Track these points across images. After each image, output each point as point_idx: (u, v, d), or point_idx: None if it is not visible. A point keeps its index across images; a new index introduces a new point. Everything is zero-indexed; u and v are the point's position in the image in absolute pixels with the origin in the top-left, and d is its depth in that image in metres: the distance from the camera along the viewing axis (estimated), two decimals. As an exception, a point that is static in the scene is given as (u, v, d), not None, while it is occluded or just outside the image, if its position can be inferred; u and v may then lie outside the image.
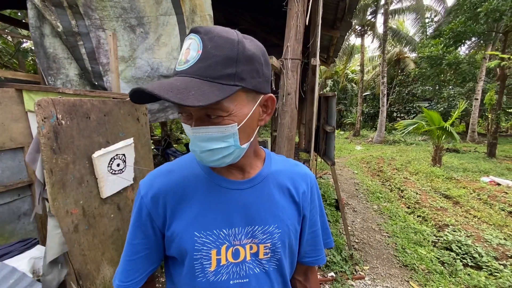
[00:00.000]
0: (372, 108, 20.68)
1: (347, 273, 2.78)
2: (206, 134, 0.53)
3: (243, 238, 0.61)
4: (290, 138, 2.47)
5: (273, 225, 0.63)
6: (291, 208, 0.67)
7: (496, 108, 9.73)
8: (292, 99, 2.44)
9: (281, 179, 0.67)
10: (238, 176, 0.64)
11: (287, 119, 2.45)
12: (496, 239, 3.48)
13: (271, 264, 0.64)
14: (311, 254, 0.75)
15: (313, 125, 2.47)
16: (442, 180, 6.53)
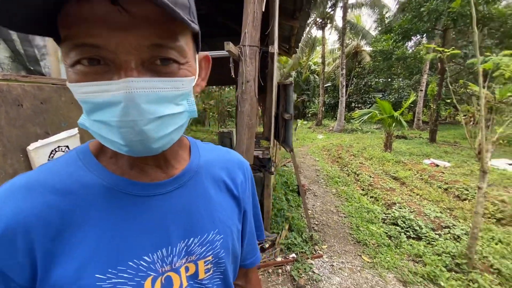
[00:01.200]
0: (333, 98, 21.76)
1: (307, 253, 2.96)
2: (155, 91, 0.35)
3: (175, 261, 0.44)
4: (250, 126, 2.50)
5: (213, 231, 0.49)
6: (231, 204, 0.55)
7: (437, 98, 10.92)
8: (251, 87, 2.45)
9: (215, 171, 0.54)
10: (158, 175, 0.46)
11: (247, 107, 2.47)
12: (433, 213, 3.97)
13: (215, 280, 0.50)
14: (251, 254, 0.65)
15: (272, 113, 2.53)
16: (392, 163, 7.20)
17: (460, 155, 8.43)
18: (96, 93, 0.33)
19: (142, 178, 0.44)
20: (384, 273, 2.68)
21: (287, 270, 2.67)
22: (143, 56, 0.34)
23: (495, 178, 5.73)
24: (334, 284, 2.51)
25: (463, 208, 4.21)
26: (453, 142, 11.26)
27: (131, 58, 0.33)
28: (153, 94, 0.34)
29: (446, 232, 3.42)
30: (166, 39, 0.34)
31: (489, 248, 3.00)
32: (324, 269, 2.74)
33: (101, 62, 0.33)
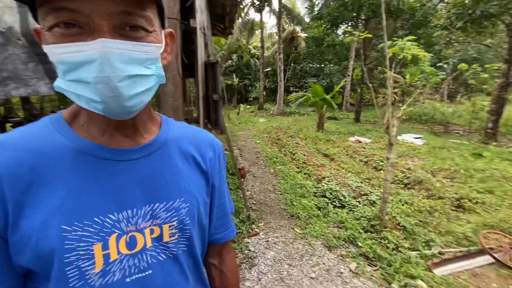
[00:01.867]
0: (273, 83, 22.34)
1: (244, 233, 3.00)
2: (129, 53, 0.40)
3: (140, 222, 0.48)
4: (176, 108, 2.30)
5: (179, 199, 0.53)
6: (198, 177, 0.58)
7: (360, 83, 12.22)
8: (173, 65, 2.24)
9: (184, 145, 0.57)
10: (127, 143, 0.49)
11: (170, 86, 2.25)
12: (355, 183, 4.48)
13: (180, 246, 0.53)
14: (221, 229, 0.67)
15: (200, 94, 2.39)
16: (324, 142, 7.85)
17: (378, 132, 9.71)
18: (73, 53, 0.37)
19: (111, 144, 0.48)
20: (313, 242, 2.92)
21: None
22: (115, 22, 0.39)
23: (404, 150, 6.79)
24: (268, 258, 2.61)
25: (378, 177, 4.87)
26: (373, 121, 12.90)
27: (104, 22, 0.38)
28: (125, 54, 0.39)
29: (365, 199, 3.91)
30: (135, 8, 0.39)
31: (397, 209, 3.55)
32: (260, 246, 2.83)
33: (77, 26, 0.37)
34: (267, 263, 2.54)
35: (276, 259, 2.61)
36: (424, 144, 7.63)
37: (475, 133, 9.63)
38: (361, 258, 2.63)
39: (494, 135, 8.30)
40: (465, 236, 2.99)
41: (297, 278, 2.34)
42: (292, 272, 2.41)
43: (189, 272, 0.56)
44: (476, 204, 3.73)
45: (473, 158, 6.00)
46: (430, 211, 3.56)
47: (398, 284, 2.26)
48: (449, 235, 3.04)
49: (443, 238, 3.00)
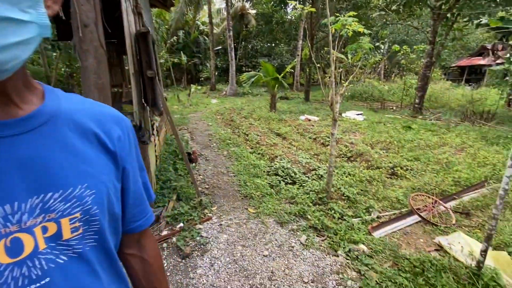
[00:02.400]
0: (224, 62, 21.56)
1: (195, 219, 2.87)
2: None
3: (25, 219, 0.38)
4: (101, 87, 1.96)
5: (81, 186, 0.43)
6: (104, 159, 0.48)
7: (309, 62, 12.56)
8: (93, 34, 1.87)
9: (82, 120, 0.47)
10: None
11: (91, 60, 1.89)
12: (305, 159, 4.66)
13: (87, 241, 0.45)
14: (139, 216, 0.59)
15: (131, 70, 2.06)
16: (276, 122, 7.96)
17: (325, 110, 10.23)
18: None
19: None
20: (266, 219, 2.95)
21: (173, 242, 2.51)
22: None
23: (347, 126, 7.29)
24: (221, 242, 2.56)
25: (325, 153, 5.14)
26: (321, 100, 13.55)
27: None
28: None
29: (313, 174, 4.09)
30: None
31: (341, 181, 3.80)
32: (212, 230, 2.75)
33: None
34: (220, 247, 2.48)
35: (229, 242, 2.57)
36: (364, 120, 8.31)
37: (406, 108, 10.85)
38: (311, 230, 2.75)
39: (420, 109, 9.46)
40: (398, 200, 3.36)
41: (251, 258, 2.34)
42: (246, 253, 2.40)
43: (102, 270, 0.48)
44: (406, 171, 4.22)
45: (404, 131, 6.75)
46: (369, 180, 3.91)
47: (343, 250, 2.43)
48: (385, 200, 3.38)
49: (380, 204, 3.32)
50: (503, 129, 6.79)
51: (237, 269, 2.20)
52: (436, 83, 14.93)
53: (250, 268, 2.22)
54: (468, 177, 3.83)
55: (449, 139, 5.81)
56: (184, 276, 2.12)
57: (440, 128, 6.95)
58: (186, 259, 2.30)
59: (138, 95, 2.25)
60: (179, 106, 11.86)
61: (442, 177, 3.93)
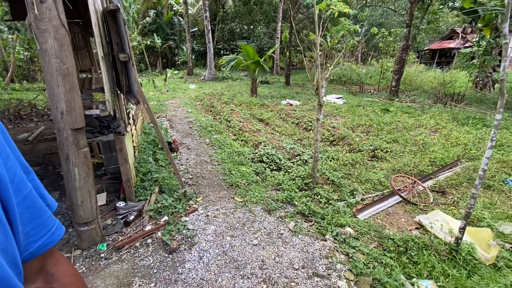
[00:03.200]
0: (201, 45, 20.64)
1: (180, 212, 2.77)
2: None
3: None
4: (65, 73, 1.73)
5: None
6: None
7: (289, 45, 12.34)
8: (51, 11, 1.62)
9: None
10: None
11: (51, 42, 1.65)
12: (289, 145, 4.64)
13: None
14: (40, 233, 0.45)
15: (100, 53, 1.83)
16: (258, 107, 7.83)
17: (306, 94, 10.23)
18: None
19: None
20: (254, 208, 2.92)
21: (159, 237, 2.41)
22: None
23: (328, 110, 7.34)
24: (209, 234, 2.49)
25: (309, 137, 5.16)
26: (301, 84, 13.52)
27: None
28: None
29: (298, 159, 4.09)
30: None
31: (326, 165, 3.83)
32: (199, 222, 2.67)
33: None
34: (208, 239, 2.42)
35: (217, 233, 2.51)
36: (344, 103, 8.42)
37: (383, 91, 11.13)
38: (298, 216, 2.76)
39: (396, 92, 9.74)
40: (379, 181, 3.46)
41: (240, 248, 2.31)
42: (235, 243, 2.36)
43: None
44: (386, 153, 4.35)
45: (382, 113, 6.93)
46: (352, 164, 3.98)
47: (331, 234, 2.46)
48: (368, 183, 3.47)
49: (363, 186, 3.40)
50: (472, 110, 7.19)
51: (227, 261, 2.16)
52: (410, 66, 15.40)
53: (240, 258, 2.19)
54: (443, 157, 4.02)
55: (424, 121, 6.05)
56: (172, 272, 2.04)
57: (415, 110, 7.21)
58: (173, 253, 2.22)
59: (110, 82, 2.03)
60: (155, 92, 11.30)
61: (420, 158, 4.09)
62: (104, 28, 2.04)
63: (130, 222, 2.53)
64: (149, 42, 16.46)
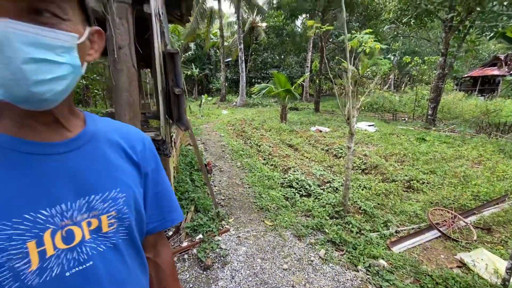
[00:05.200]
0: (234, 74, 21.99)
1: (214, 231, 2.92)
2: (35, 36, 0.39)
3: (75, 215, 0.48)
4: (132, 104, 2.08)
5: (115, 190, 0.53)
6: (131, 169, 0.59)
7: (319, 74, 12.68)
8: (126, 55, 2.00)
9: (113, 138, 0.58)
10: (52, 136, 0.49)
11: (124, 80, 2.02)
12: (319, 171, 4.67)
13: (120, 234, 0.54)
14: (156, 218, 0.66)
15: (159, 87, 2.18)
16: (287, 133, 8.02)
17: (336, 121, 10.24)
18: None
19: (35, 137, 0.47)
20: (283, 232, 2.97)
21: (194, 253, 2.56)
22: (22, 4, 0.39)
23: (359, 138, 7.27)
24: (240, 254, 2.58)
25: (339, 165, 5.14)
26: (331, 111, 13.58)
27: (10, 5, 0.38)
28: (30, 36, 0.38)
29: (328, 186, 4.10)
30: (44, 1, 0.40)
31: (357, 194, 3.79)
32: (231, 242, 2.79)
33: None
34: (239, 259, 2.51)
35: (248, 254, 2.59)
36: (376, 131, 8.27)
37: (418, 120, 10.74)
38: (329, 244, 2.75)
39: (433, 120, 9.35)
40: (415, 214, 3.33)
41: (270, 271, 2.36)
42: (265, 266, 2.42)
43: (130, 260, 0.57)
44: (423, 184, 4.17)
45: (418, 142, 6.68)
46: (386, 194, 3.88)
47: (363, 265, 2.41)
48: (403, 215, 3.35)
49: (398, 218, 3.29)
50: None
51: (257, 282, 2.22)
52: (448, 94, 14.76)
53: (271, 281, 2.23)
54: (488, 192, 3.76)
55: (465, 152, 5.72)
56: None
57: (455, 140, 6.85)
58: (207, 270, 2.34)
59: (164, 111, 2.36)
60: (191, 117, 12.10)
61: (460, 191, 3.86)
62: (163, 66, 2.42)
63: (169, 238, 2.73)
64: (189, 72, 17.90)
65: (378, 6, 10.28)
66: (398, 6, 8.56)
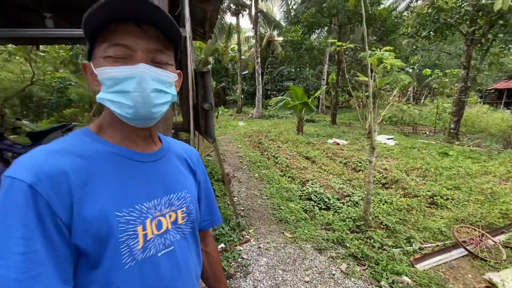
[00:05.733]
0: (250, 86, 22.44)
1: (235, 241, 2.99)
2: (156, 75, 0.56)
3: (163, 208, 0.62)
4: (165, 118, 2.25)
5: (184, 191, 0.68)
6: (191, 176, 0.74)
7: (336, 86, 12.72)
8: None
9: (179, 152, 0.74)
10: (146, 148, 0.64)
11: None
12: (338, 185, 4.66)
13: (187, 227, 0.68)
14: (207, 217, 0.83)
15: (190, 103, 2.35)
16: (304, 145, 8.05)
17: (354, 133, 10.15)
18: (121, 72, 0.53)
19: (137, 148, 0.62)
20: (304, 245, 2.99)
21: (217, 262, 2.63)
22: (149, 55, 0.56)
23: (379, 151, 7.17)
24: (261, 265, 2.63)
25: (358, 178, 5.10)
26: (348, 123, 13.47)
27: (144, 55, 0.55)
28: (155, 75, 0.56)
29: (348, 200, 4.08)
30: (163, 48, 0.58)
31: (378, 208, 3.74)
32: (252, 253, 2.84)
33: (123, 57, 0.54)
34: (261, 270, 2.56)
35: (269, 265, 2.64)
36: (396, 145, 8.12)
37: (440, 133, 10.44)
38: (350, 258, 2.74)
39: (456, 134, 9.06)
40: (440, 231, 3.24)
41: (292, 283, 2.39)
42: (287, 278, 2.45)
43: (193, 249, 0.71)
44: (447, 201, 4.06)
45: (440, 157, 6.50)
46: (408, 209, 3.81)
47: (386, 281, 2.39)
48: (426, 231, 3.27)
49: (421, 234, 3.22)
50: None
51: (280, 293, 2.25)
52: (472, 107, 14.26)
53: (293, 293, 2.26)
54: (518, 210, 3.60)
55: (492, 168, 5.50)
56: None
57: (480, 155, 6.60)
58: (230, 279, 2.40)
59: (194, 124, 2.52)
60: (209, 128, 12.41)
61: (488, 209, 3.72)
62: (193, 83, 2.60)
63: (192, 246, 2.83)
64: (206, 84, 18.43)
65: (396, 21, 10.30)
66: (416, 20, 8.56)
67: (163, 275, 0.60)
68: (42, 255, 0.45)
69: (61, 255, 0.48)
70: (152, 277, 0.58)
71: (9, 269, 0.43)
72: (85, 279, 0.53)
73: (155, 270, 0.59)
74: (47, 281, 0.45)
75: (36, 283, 0.44)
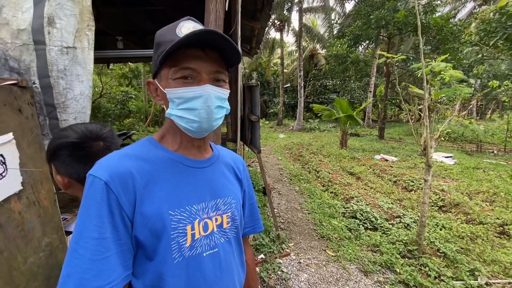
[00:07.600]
0: (292, 99, 22.50)
1: (275, 253, 2.97)
2: (218, 93, 0.64)
3: (210, 212, 0.67)
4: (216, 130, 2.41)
5: (230, 197, 0.72)
6: (237, 183, 0.79)
7: (384, 99, 12.02)
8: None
9: (227, 160, 0.79)
10: (199, 155, 0.70)
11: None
12: (386, 204, 4.33)
13: (232, 232, 0.72)
14: (249, 224, 0.87)
15: (238, 115, 2.48)
16: (348, 160, 7.70)
17: (405, 150, 9.38)
18: (189, 92, 0.61)
19: (190, 155, 0.69)
20: (347, 265, 2.83)
21: (257, 272, 2.64)
22: (211, 76, 0.63)
23: (434, 170, 6.49)
24: (302, 281, 2.56)
25: (410, 199, 4.67)
26: (398, 139, 12.51)
27: (207, 76, 0.62)
28: (217, 94, 0.63)
29: (398, 221, 3.75)
30: (222, 69, 0.65)
31: (435, 233, 3.37)
32: (292, 267, 2.78)
33: (190, 78, 0.61)
34: (301, 286, 2.49)
35: (310, 282, 2.55)
36: (455, 164, 7.27)
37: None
38: (401, 285, 2.50)
39: (534, 155, 7.74)
40: (514, 266, 2.77)
41: (335, 304, 2.27)
42: (329, 297, 2.34)
43: (236, 255, 0.74)
44: (523, 232, 3.46)
45: (513, 180, 5.61)
46: (471, 237, 3.35)
47: (445, 317, 2.11)
48: (495, 264, 2.83)
49: (488, 268, 2.79)
50: None
51: (321, 313, 2.15)
52: (555, 123, 12.07)
53: (335, 315, 2.14)
54: None
55: None
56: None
57: None
58: (270, 292, 2.38)
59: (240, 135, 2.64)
60: (250, 139, 12.69)
61: None
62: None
63: (234, 253, 2.89)
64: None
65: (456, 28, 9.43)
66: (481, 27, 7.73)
67: (207, 275, 0.64)
68: (110, 242, 0.54)
69: (124, 243, 0.57)
70: (197, 275, 0.63)
71: (87, 250, 0.52)
72: (142, 268, 0.60)
73: (200, 268, 0.63)
74: (111, 264, 0.54)
75: (103, 265, 0.53)
